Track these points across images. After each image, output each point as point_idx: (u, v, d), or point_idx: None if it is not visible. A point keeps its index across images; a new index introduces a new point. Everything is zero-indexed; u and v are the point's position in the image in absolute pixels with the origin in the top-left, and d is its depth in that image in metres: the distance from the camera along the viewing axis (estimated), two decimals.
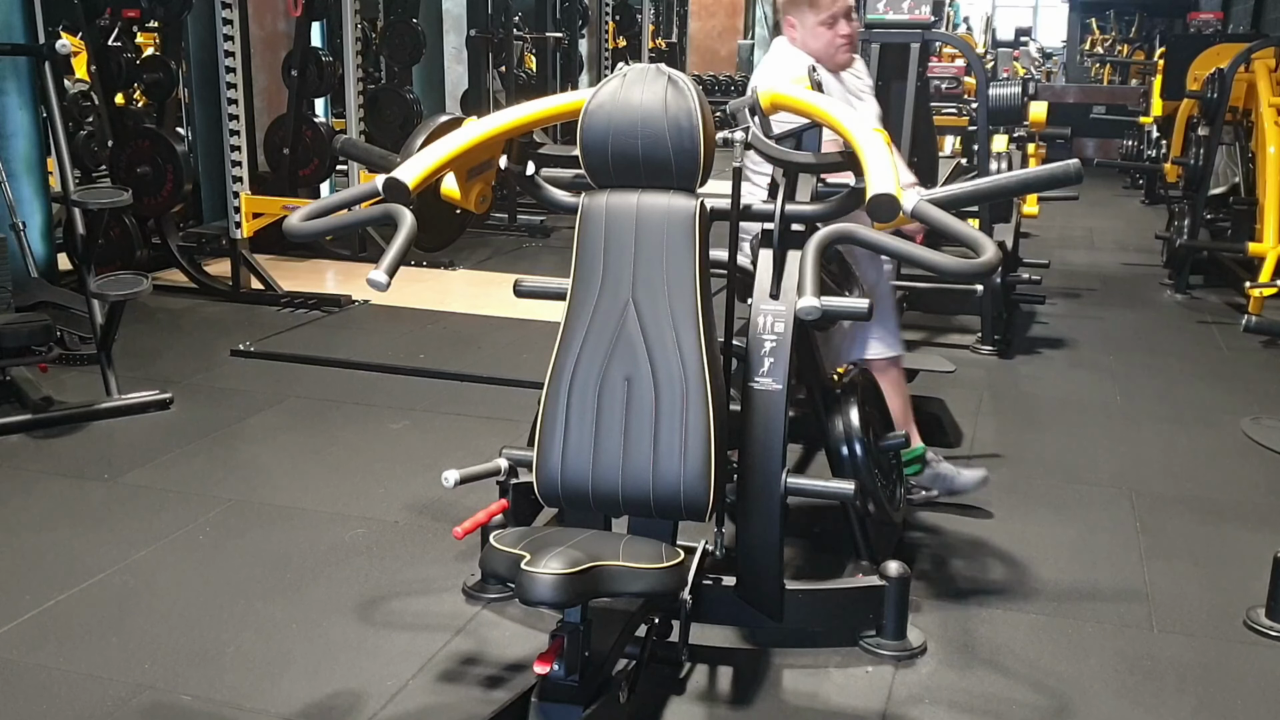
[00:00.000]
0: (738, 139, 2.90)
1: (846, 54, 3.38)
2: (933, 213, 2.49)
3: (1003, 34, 17.96)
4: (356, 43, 7.52)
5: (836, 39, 3.35)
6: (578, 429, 2.55)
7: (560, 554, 2.15)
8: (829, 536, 3.54)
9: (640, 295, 2.56)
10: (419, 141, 3.08)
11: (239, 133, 6.57)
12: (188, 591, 3.26)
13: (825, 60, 3.38)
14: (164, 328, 6.01)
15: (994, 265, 2.35)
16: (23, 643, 2.98)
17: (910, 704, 2.78)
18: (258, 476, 4.13)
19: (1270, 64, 7.22)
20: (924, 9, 5.17)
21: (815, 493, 2.92)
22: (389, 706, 2.73)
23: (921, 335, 5.89)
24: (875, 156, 2.62)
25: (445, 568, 3.39)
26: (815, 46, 3.38)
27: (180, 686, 2.79)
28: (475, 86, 9.76)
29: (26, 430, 4.44)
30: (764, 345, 2.81)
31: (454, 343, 5.84)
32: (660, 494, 2.51)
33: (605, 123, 2.57)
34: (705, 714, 2.74)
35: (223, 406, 4.82)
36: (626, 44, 14.14)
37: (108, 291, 4.66)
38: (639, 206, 2.57)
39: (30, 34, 5.80)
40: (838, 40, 3.35)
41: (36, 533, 3.62)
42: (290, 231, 2.64)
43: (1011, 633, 3.11)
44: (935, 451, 3.82)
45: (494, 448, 3.05)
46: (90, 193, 5.06)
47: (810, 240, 2.45)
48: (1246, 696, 2.82)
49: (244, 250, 6.57)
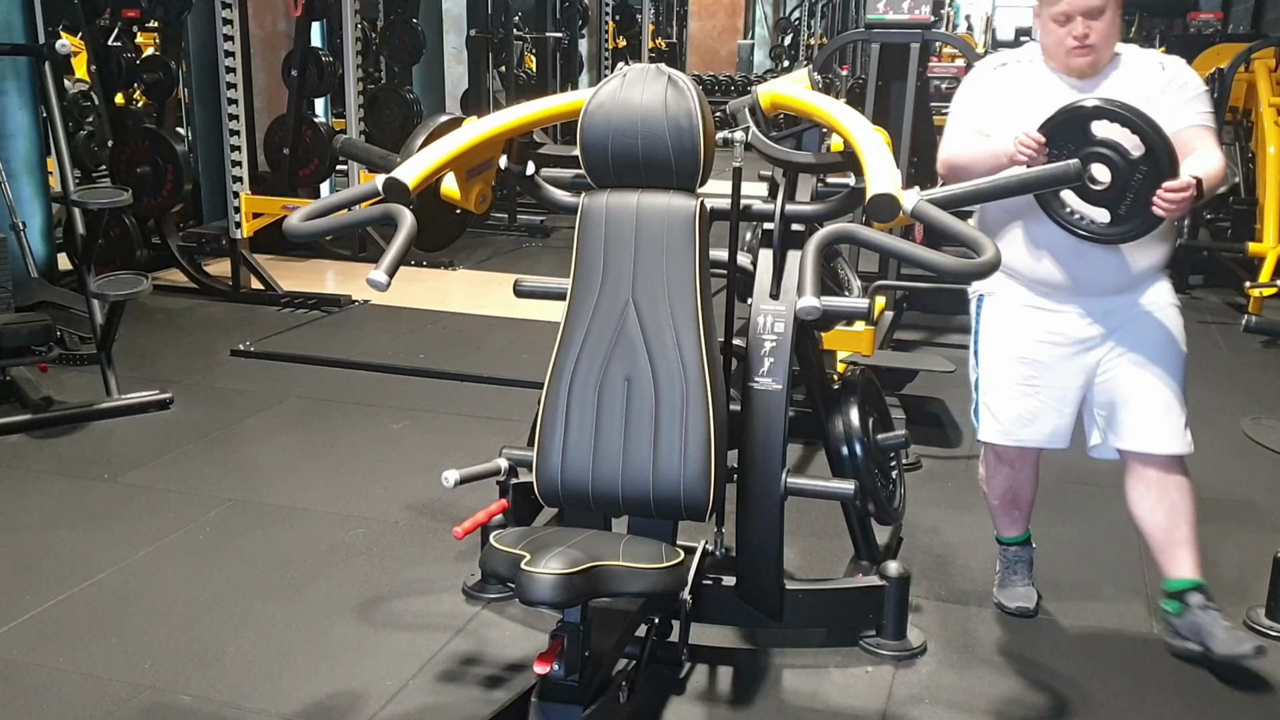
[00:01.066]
0: (738, 139, 2.90)
1: (1080, 58, 2.84)
2: (932, 213, 2.49)
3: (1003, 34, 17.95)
4: (356, 43, 7.52)
5: (1068, 39, 2.84)
6: (578, 429, 2.55)
7: (560, 554, 2.15)
8: (829, 536, 3.55)
9: (640, 295, 2.56)
10: (419, 142, 3.08)
11: (239, 133, 6.57)
12: (188, 591, 3.26)
13: (1056, 60, 2.90)
14: (164, 328, 6.01)
15: (994, 265, 2.35)
16: (23, 642, 2.98)
17: (910, 704, 2.78)
18: (258, 476, 4.13)
19: (1270, 64, 7.22)
20: (924, 9, 5.17)
21: (815, 493, 2.92)
22: (389, 706, 2.73)
23: (921, 335, 5.89)
24: (875, 156, 2.62)
25: (445, 568, 3.39)
26: (1046, 42, 2.92)
27: (180, 686, 2.79)
28: (475, 86, 9.76)
29: (27, 430, 4.44)
30: (764, 345, 2.81)
31: (454, 343, 5.84)
32: (660, 494, 2.51)
33: (605, 123, 2.57)
34: (705, 714, 2.74)
35: (223, 406, 4.82)
36: (626, 44, 14.14)
37: (108, 291, 4.66)
38: (639, 206, 2.58)
39: (30, 34, 5.81)
40: (1069, 41, 2.84)
41: (37, 533, 3.62)
42: (290, 231, 2.64)
43: (1011, 633, 3.11)
44: (1204, 592, 2.95)
45: (494, 448, 3.05)
46: (90, 193, 5.06)
47: (810, 240, 2.45)
48: (1247, 696, 2.82)
49: (244, 250, 6.57)
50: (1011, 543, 3.27)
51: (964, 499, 3.97)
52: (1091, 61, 2.85)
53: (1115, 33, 2.87)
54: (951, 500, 3.96)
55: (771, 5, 20.88)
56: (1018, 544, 3.26)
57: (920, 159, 5.36)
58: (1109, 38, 2.86)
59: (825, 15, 18.42)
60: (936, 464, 4.27)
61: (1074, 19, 2.81)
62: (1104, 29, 2.83)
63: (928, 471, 4.20)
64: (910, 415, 4.42)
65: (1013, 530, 3.26)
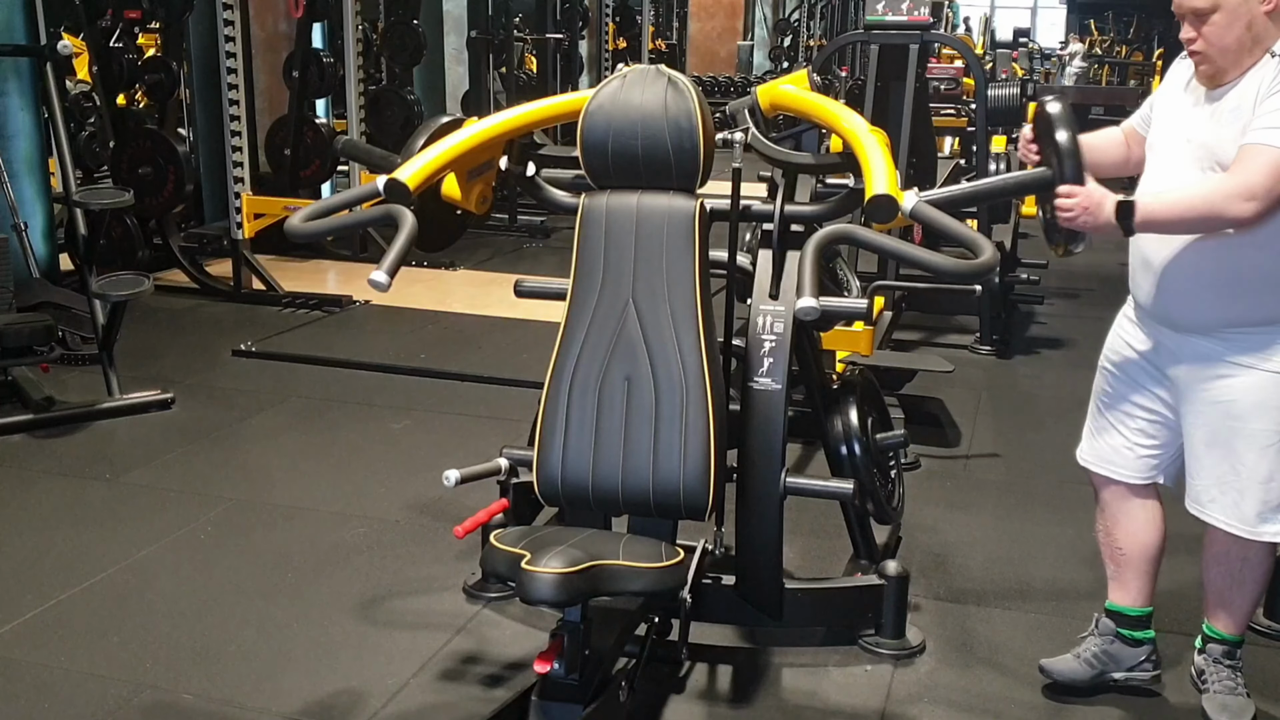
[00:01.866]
0: (737, 139, 2.91)
1: (1196, 65, 2.48)
2: (931, 214, 2.50)
3: (1001, 35, 17.96)
4: (357, 44, 7.53)
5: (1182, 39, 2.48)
6: (578, 429, 2.56)
7: (560, 553, 2.16)
8: (828, 535, 3.55)
9: (640, 295, 2.56)
10: (420, 142, 3.08)
11: (240, 133, 6.58)
12: (189, 591, 3.27)
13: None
14: (165, 328, 6.02)
15: (992, 266, 2.35)
16: (24, 641, 2.99)
17: (909, 703, 2.79)
18: (259, 476, 4.14)
19: None
20: (922, 10, 5.19)
21: (814, 492, 2.93)
22: (389, 705, 2.73)
23: (920, 335, 5.90)
24: (875, 157, 2.63)
25: (446, 567, 3.40)
26: None
27: (181, 685, 2.80)
28: (476, 87, 9.76)
29: (28, 430, 4.45)
30: (763, 345, 2.82)
31: (454, 343, 5.85)
32: (660, 493, 2.52)
33: (605, 123, 2.58)
34: (705, 713, 2.75)
35: (224, 406, 4.83)
36: (626, 45, 14.14)
37: (109, 292, 4.67)
38: (639, 207, 2.58)
39: (32, 35, 5.81)
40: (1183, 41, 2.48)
41: (38, 532, 3.63)
42: (291, 232, 2.65)
43: (1010, 632, 3.12)
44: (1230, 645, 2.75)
45: (494, 448, 3.06)
46: (92, 193, 5.08)
47: (809, 241, 2.46)
48: (1249, 696, 2.82)
49: (245, 250, 6.58)
50: (1113, 611, 2.79)
51: (963, 498, 3.98)
52: (1207, 73, 2.46)
53: (1238, 42, 2.39)
54: (950, 500, 3.97)
55: (771, 7, 20.88)
56: (1118, 615, 2.77)
57: (919, 160, 5.37)
58: (1227, 47, 2.40)
59: (824, 17, 18.45)
60: (935, 463, 4.29)
61: (1184, 18, 2.45)
62: (1217, 35, 2.39)
63: (926, 471, 4.21)
64: (909, 415, 4.43)
65: (1115, 593, 2.79)
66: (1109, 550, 2.81)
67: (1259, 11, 2.39)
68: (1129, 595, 2.78)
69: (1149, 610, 2.79)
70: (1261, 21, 2.39)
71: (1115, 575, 2.80)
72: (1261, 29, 2.39)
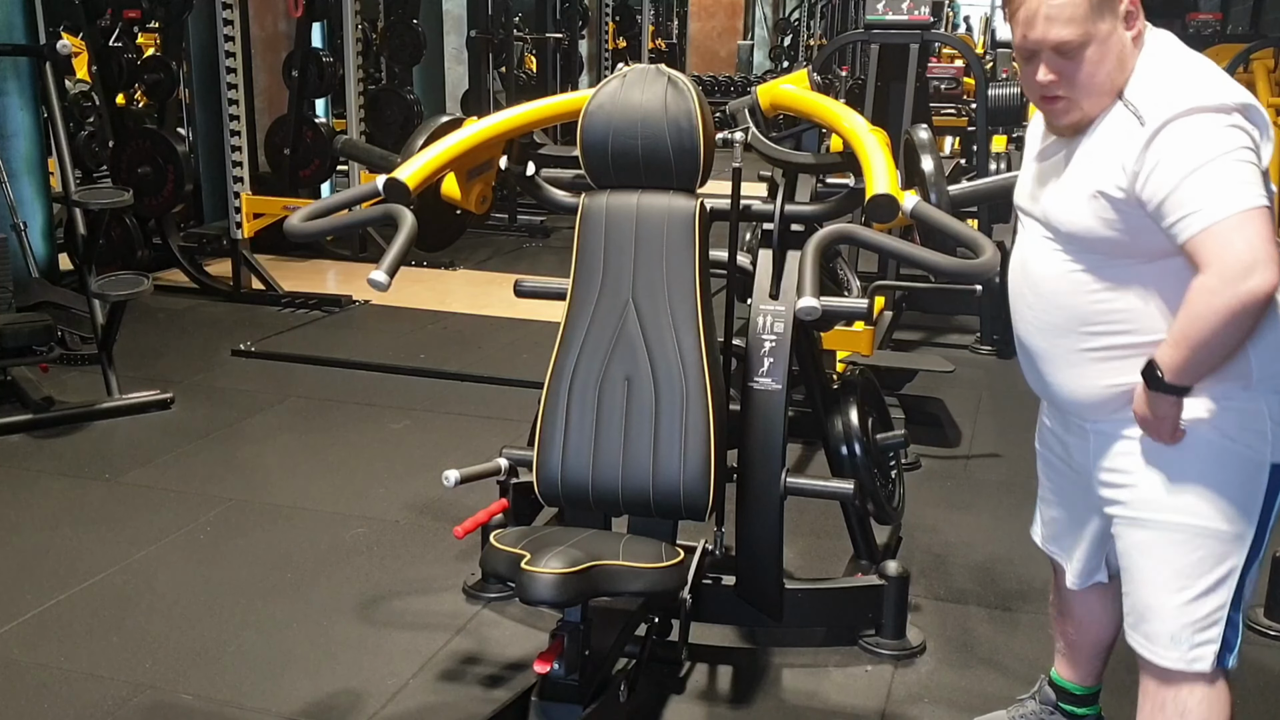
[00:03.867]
0: (737, 139, 2.91)
1: (1051, 113, 2.04)
2: (932, 213, 2.50)
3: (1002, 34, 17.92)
4: (357, 43, 7.53)
5: (1033, 83, 2.02)
6: (578, 429, 2.55)
7: (560, 553, 2.16)
8: (828, 535, 3.55)
9: (640, 295, 2.56)
10: (419, 142, 3.08)
11: (240, 133, 6.58)
12: (188, 591, 3.27)
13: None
14: (165, 328, 6.01)
15: (993, 266, 2.35)
16: (24, 642, 2.98)
17: (909, 703, 2.79)
18: (258, 476, 4.14)
19: (1269, 64, 7.22)
20: (923, 10, 5.18)
21: (815, 492, 2.93)
22: (389, 705, 2.73)
23: (921, 335, 5.90)
24: (876, 157, 2.63)
25: (446, 567, 3.40)
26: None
27: (181, 686, 2.80)
28: (475, 87, 9.76)
29: (28, 430, 4.45)
30: (763, 345, 2.81)
31: (454, 343, 5.85)
32: (660, 493, 2.52)
33: (605, 123, 2.57)
34: (705, 713, 2.74)
35: (223, 406, 4.83)
36: (626, 45, 14.15)
37: (109, 291, 4.66)
38: (639, 207, 2.58)
39: (31, 34, 5.81)
40: (1034, 87, 2.02)
41: (37, 532, 3.63)
42: (291, 232, 2.65)
43: (1010, 632, 3.11)
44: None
45: (494, 448, 3.05)
46: (91, 193, 5.07)
47: (810, 241, 2.46)
48: (1246, 696, 2.82)
49: (245, 250, 6.58)
50: (1058, 685, 2.53)
51: (963, 499, 3.98)
52: (1073, 121, 2.00)
53: (1109, 79, 1.95)
54: (950, 500, 3.96)
55: (771, 6, 20.89)
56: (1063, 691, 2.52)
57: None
58: (1097, 87, 1.95)
59: (825, 16, 18.44)
60: (936, 464, 4.28)
61: (1036, 56, 1.97)
62: (1087, 74, 1.94)
63: (927, 471, 4.20)
64: (909, 415, 4.43)
65: (1062, 668, 2.53)
66: (1060, 629, 2.52)
67: (1127, 38, 1.96)
68: (1077, 674, 2.52)
69: (1097, 688, 2.53)
70: (1128, 49, 1.97)
71: (1064, 652, 2.53)
72: (1127, 57, 1.97)
